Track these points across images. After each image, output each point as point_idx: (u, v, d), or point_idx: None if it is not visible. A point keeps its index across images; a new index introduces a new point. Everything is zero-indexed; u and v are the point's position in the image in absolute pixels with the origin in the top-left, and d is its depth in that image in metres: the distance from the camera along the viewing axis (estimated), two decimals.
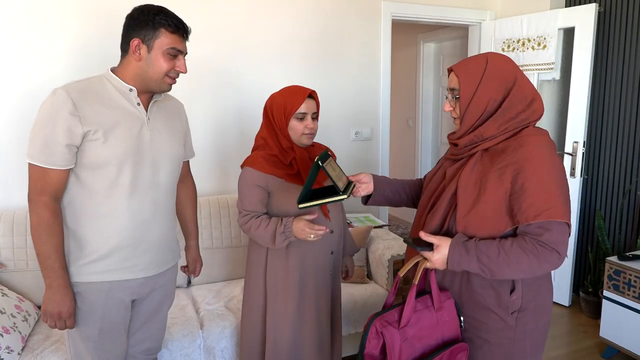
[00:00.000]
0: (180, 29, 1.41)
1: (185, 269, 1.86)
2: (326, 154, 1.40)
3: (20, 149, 2.35)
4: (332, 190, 1.42)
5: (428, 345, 1.25)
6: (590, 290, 3.02)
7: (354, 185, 1.50)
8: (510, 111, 1.23)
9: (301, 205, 1.38)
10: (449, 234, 1.27)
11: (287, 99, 1.67)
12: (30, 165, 1.35)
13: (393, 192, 1.60)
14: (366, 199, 1.59)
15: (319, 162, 1.33)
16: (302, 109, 1.65)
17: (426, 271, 1.30)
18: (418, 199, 1.57)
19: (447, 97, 1.32)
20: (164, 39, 1.39)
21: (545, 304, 1.30)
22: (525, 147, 1.20)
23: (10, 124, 2.33)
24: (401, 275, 1.28)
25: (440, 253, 1.21)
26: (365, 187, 1.55)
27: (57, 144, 1.32)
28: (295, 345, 1.71)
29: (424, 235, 1.23)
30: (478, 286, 1.26)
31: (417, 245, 1.24)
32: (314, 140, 1.76)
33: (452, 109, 1.31)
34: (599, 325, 2.65)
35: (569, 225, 1.17)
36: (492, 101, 1.23)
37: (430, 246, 1.23)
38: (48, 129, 1.32)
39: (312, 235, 1.54)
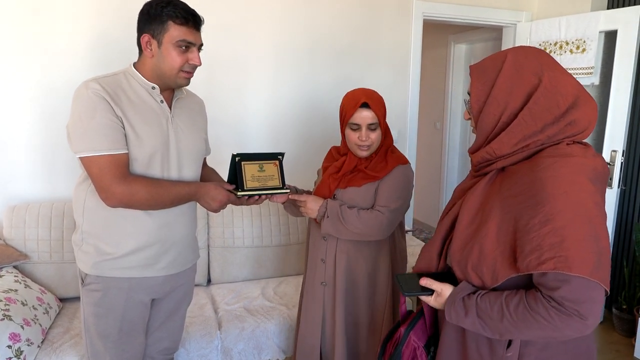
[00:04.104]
0: (189, 20, 1.35)
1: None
2: (268, 155, 1.54)
3: (44, 143, 2.36)
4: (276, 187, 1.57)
5: None
6: (624, 307, 2.87)
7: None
8: (533, 123, 0.97)
9: (239, 193, 1.49)
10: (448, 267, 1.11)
11: (346, 104, 1.62)
12: (95, 158, 1.30)
13: None
14: None
15: (236, 158, 1.48)
16: (355, 119, 1.58)
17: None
18: None
19: (465, 102, 1.12)
20: (173, 32, 1.34)
21: None
22: (536, 172, 0.93)
23: (35, 118, 2.34)
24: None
25: (438, 303, 1.08)
26: None
27: (113, 128, 1.31)
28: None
29: (425, 282, 1.08)
30: (472, 334, 1.06)
31: (410, 290, 1.09)
32: (396, 150, 1.71)
33: (469, 117, 1.10)
34: (633, 345, 2.52)
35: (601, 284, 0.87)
36: (508, 109, 0.99)
37: (429, 290, 1.08)
38: (97, 118, 1.29)
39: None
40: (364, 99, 1.56)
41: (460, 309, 1.00)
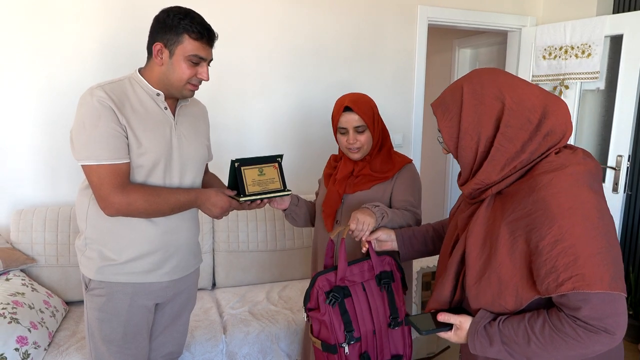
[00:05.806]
0: (204, 36, 1.36)
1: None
2: (267, 158, 1.55)
3: (50, 146, 2.38)
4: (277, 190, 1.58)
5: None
6: (630, 312, 2.85)
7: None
8: (511, 145, 0.96)
9: (241, 199, 1.49)
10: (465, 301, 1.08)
11: (334, 110, 1.65)
12: (95, 167, 1.30)
13: (422, 243, 1.43)
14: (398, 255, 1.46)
15: (235, 164, 1.48)
16: (342, 123, 1.61)
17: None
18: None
19: (438, 140, 1.10)
20: (187, 46, 1.34)
21: None
22: (537, 192, 0.92)
23: (42, 122, 2.36)
24: (332, 238, 1.44)
25: (458, 336, 1.04)
26: (386, 245, 1.43)
27: (115, 137, 1.31)
28: None
29: (443, 317, 1.05)
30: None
31: (426, 328, 1.05)
32: (398, 151, 1.71)
33: (448, 152, 1.09)
34: (639, 351, 2.50)
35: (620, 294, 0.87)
36: (482, 139, 0.99)
37: (447, 325, 1.05)
38: (100, 127, 1.30)
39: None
40: (346, 103, 1.59)
41: (484, 339, 0.98)
